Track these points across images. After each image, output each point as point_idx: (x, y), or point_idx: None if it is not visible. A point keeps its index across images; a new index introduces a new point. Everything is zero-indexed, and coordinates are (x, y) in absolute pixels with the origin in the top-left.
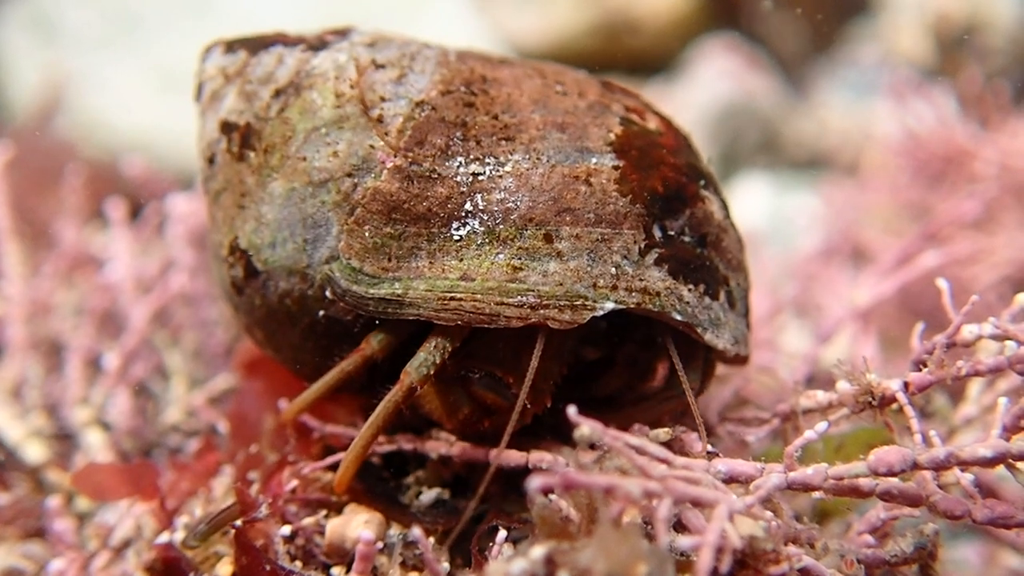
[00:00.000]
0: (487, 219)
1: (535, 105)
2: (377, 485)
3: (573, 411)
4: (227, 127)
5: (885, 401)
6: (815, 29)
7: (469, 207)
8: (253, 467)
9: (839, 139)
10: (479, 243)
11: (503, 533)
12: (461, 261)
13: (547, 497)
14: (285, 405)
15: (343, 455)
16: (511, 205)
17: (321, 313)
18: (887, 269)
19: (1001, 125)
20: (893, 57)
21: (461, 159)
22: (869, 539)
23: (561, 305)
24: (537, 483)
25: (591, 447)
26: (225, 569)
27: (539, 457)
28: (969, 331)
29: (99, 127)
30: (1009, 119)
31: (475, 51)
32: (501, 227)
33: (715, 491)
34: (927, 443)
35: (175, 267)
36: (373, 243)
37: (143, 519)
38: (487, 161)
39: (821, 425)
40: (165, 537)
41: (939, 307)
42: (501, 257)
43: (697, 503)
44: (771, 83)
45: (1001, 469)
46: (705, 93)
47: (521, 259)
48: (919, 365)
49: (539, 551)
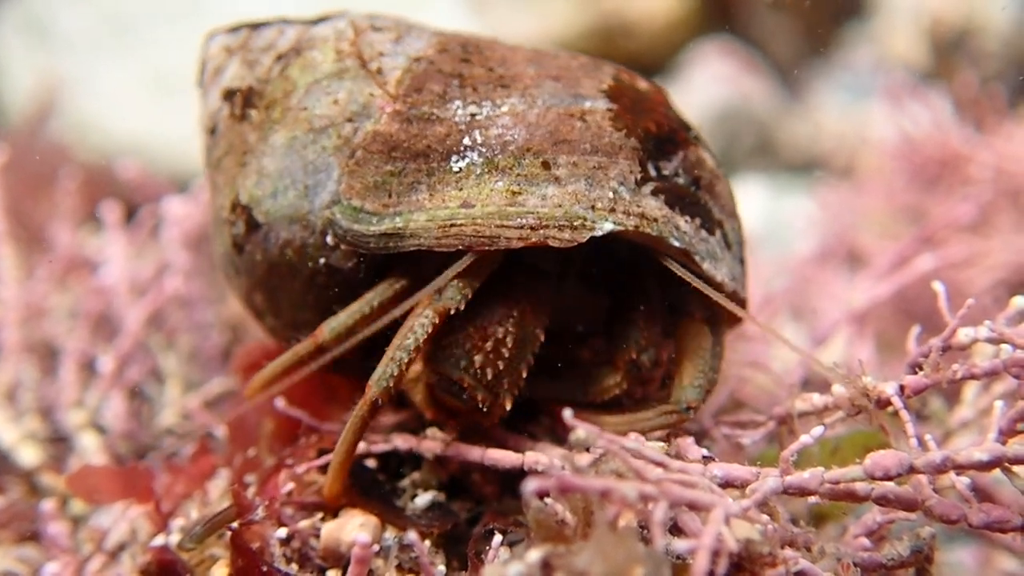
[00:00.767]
0: (485, 151)
1: (528, 63)
2: (372, 488)
3: (569, 414)
4: (229, 94)
5: (881, 404)
6: (810, 32)
7: (467, 142)
8: (250, 470)
9: (834, 142)
10: (478, 173)
11: (499, 536)
12: (461, 191)
13: (543, 500)
14: (283, 406)
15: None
16: (509, 138)
17: (322, 261)
18: (883, 272)
19: (996, 128)
20: (888, 60)
21: (459, 103)
22: (865, 542)
23: (560, 225)
24: (533, 486)
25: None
26: (221, 572)
27: (535, 460)
28: (965, 334)
29: (93, 130)
30: (1004, 122)
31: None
32: (499, 157)
33: (711, 494)
34: (923, 447)
35: (170, 270)
36: (374, 182)
37: (138, 522)
38: (484, 104)
39: (817, 429)
40: (160, 539)
41: (935, 310)
42: (500, 184)
43: (693, 506)
44: (766, 86)
45: (997, 473)
46: (700, 96)
47: (520, 185)
48: (915, 368)
49: (535, 554)
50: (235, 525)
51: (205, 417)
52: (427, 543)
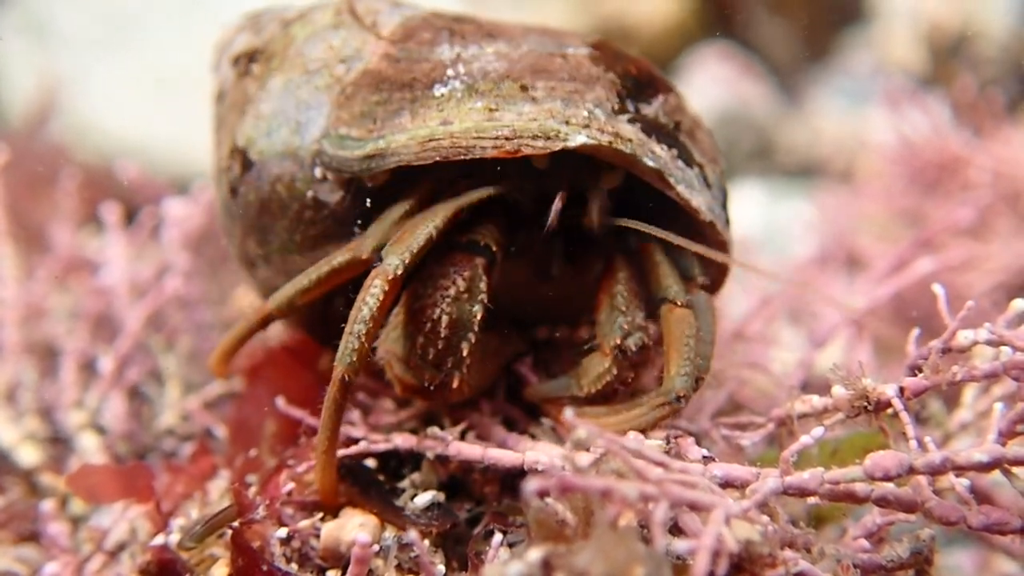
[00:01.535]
0: (467, 79)
1: (517, 26)
2: (372, 488)
3: (570, 414)
4: (236, 59)
5: (881, 406)
6: (809, 37)
7: (451, 73)
8: (251, 470)
9: (833, 147)
10: (459, 97)
11: (499, 536)
12: (441, 111)
13: (543, 500)
14: (283, 405)
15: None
16: (490, 69)
17: (310, 194)
18: (882, 276)
19: (995, 133)
20: (886, 65)
21: (447, 46)
22: (865, 544)
23: (535, 135)
24: (533, 486)
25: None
26: (221, 571)
27: (535, 459)
28: (965, 336)
29: (92, 131)
30: (1002, 127)
31: None
32: (480, 83)
33: (712, 495)
34: (923, 448)
35: (170, 271)
36: (361, 111)
37: (138, 522)
38: (470, 47)
39: (817, 430)
40: (160, 539)
41: (934, 313)
42: (479, 104)
43: (694, 507)
44: (765, 91)
45: (996, 475)
46: (699, 100)
47: (497, 103)
48: (914, 370)
49: (536, 554)
50: (235, 524)
51: (205, 418)
52: (427, 543)
